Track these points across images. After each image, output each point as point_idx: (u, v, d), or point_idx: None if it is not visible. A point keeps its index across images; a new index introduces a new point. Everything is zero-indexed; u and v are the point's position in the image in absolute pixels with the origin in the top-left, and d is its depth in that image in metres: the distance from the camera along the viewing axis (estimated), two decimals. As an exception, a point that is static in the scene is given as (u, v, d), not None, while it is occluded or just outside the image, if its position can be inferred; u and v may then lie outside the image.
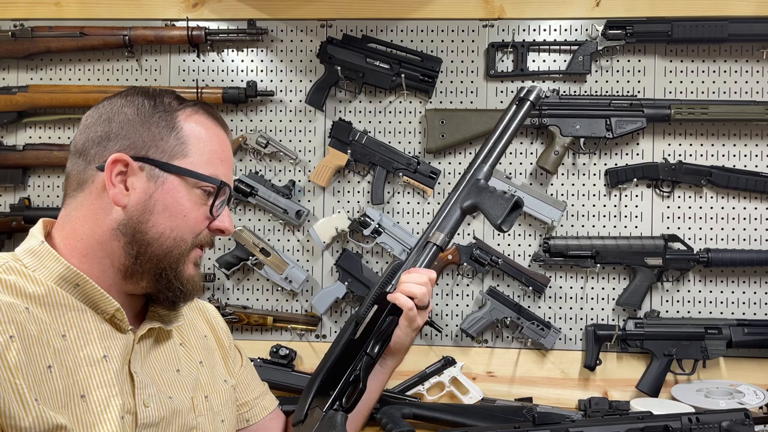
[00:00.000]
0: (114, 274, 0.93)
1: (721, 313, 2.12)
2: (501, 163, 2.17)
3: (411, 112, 2.20)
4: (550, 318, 2.16)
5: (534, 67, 2.16)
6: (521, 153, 2.18)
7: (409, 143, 2.20)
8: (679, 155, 2.14)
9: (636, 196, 2.15)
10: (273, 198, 2.16)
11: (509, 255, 2.16)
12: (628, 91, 2.14)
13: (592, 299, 2.15)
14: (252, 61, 2.23)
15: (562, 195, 2.16)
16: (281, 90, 2.23)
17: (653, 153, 2.14)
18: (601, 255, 2.09)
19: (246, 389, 1.17)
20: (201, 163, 0.95)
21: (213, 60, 2.24)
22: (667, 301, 2.13)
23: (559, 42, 2.14)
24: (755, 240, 2.12)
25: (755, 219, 2.12)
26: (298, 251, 2.22)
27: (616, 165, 2.14)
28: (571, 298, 2.16)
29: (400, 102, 2.20)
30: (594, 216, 2.16)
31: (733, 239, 2.12)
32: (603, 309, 2.15)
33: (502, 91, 2.17)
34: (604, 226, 2.15)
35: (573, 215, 2.16)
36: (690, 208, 2.13)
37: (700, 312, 2.12)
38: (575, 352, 2.15)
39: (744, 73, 2.13)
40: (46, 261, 0.90)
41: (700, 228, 2.13)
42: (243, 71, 2.23)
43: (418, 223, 2.19)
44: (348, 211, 2.20)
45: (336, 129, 2.16)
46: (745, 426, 1.40)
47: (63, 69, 2.26)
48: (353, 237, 2.17)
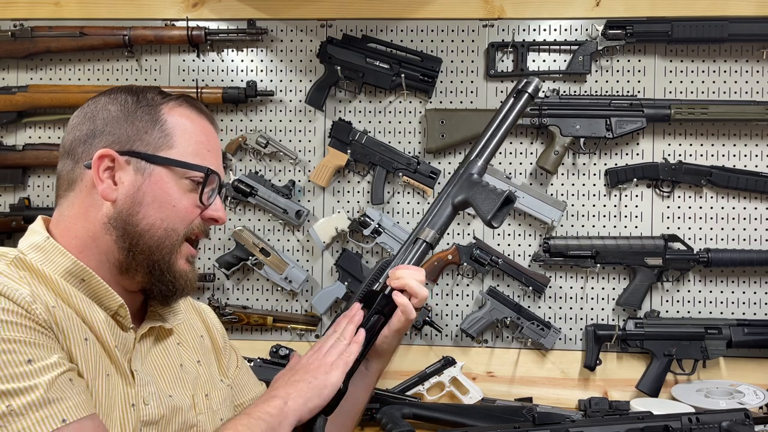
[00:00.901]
0: (110, 269, 0.94)
1: (721, 313, 2.12)
2: (501, 163, 2.17)
3: (411, 112, 2.20)
4: (550, 318, 2.16)
5: (534, 67, 2.16)
6: (521, 153, 2.17)
7: (409, 143, 2.20)
8: (679, 155, 2.13)
9: (636, 196, 2.15)
10: (273, 198, 2.16)
11: (509, 255, 2.16)
12: (628, 91, 2.14)
13: (592, 299, 2.15)
14: (252, 61, 2.23)
15: (562, 195, 2.16)
16: (281, 90, 2.23)
17: (653, 153, 2.14)
18: (601, 255, 2.09)
19: (242, 390, 1.17)
20: (187, 154, 0.95)
21: (213, 60, 2.23)
22: (667, 301, 2.13)
23: (559, 42, 2.14)
24: (755, 240, 2.12)
25: (755, 219, 2.12)
26: (298, 251, 2.22)
27: (616, 165, 2.14)
28: (571, 298, 2.16)
29: (400, 102, 2.20)
30: (594, 216, 2.16)
31: (733, 239, 2.12)
32: (603, 309, 2.15)
33: (502, 91, 2.17)
34: (604, 226, 2.15)
35: (573, 215, 2.15)
36: (690, 208, 2.13)
37: (700, 312, 2.12)
38: (575, 352, 2.15)
39: (744, 73, 2.13)
40: (52, 255, 0.91)
41: (700, 228, 2.13)
42: (243, 71, 2.23)
43: (417, 223, 2.19)
44: (348, 211, 2.20)
45: (336, 129, 2.16)
46: (745, 426, 1.40)
47: (63, 69, 2.26)
48: (353, 237, 2.17)
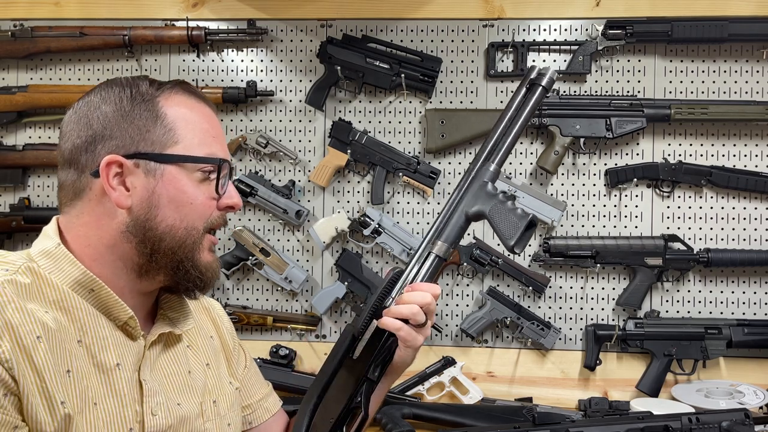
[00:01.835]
0: (127, 274, 0.92)
1: (721, 313, 2.12)
2: (501, 163, 2.17)
3: (411, 112, 2.20)
4: (550, 318, 2.16)
5: (534, 67, 2.16)
6: (521, 153, 2.17)
7: (409, 143, 2.20)
8: (679, 155, 2.13)
9: (636, 196, 2.15)
10: (273, 198, 2.16)
11: (509, 255, 2.16)
12: (628, 91, 2.14)
13: (592, 299, 2.15)
14: (252, 61, 2.23)
15: (562, 195, 2.16)
16: (281, 90, 2.23)
17: (653, 153, 2.14)
18: (601, 255, 2.09)
19: (249, 391, 1.15)
20: (194, 146, 0.92)
21: (213, 60, 2.23)
22: (667, 301, 2.13)
23: (559, 42, 2.14)
24: (755, 240, 2.12)
25: (755, 219, 2.12)
26: (298, 251, 2.22)
27: (616, 165, 2.14)
28: (571, 298, 2.16)
29: (400, 102, 2.20)
30: (594, 216, 2.16)
31: (733, 239, 2.12)
32: (603, 309, 2.15)
33: (502, 91, 2.17)
34: (604, 226, 2.15)
35: (573, 215, 2.15)
36: (690, 208, 2.13)
37: (700, 312, 2.12)
38: (575, 352, 2.15)
39: (744, 73, 2.13)
40: (62, 264, 0.88)
41: (700, 228, 2.13)
42: (243, 71, 2.23)
43: (418, 223, 2.19)
44: (348, 211, 2.20)
45: (336, 129, 2.16)
46: (745, 426, 1.40)
47: (63, 69, 2.26)
48: (353, 237, 2.17)
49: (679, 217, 2.14)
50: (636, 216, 2.14)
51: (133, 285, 0.93)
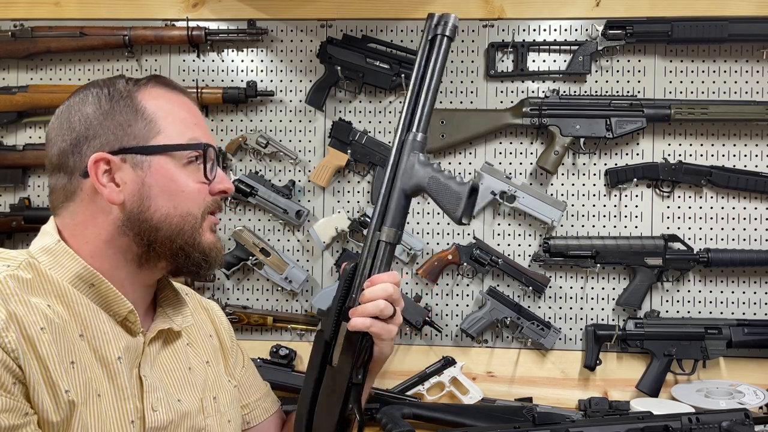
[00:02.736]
0: (127, 266, 0.93)
1: (721, 313, 2.12)
2: (501, 163, 2.17)
3: (411, 112, 2.19)
4: (550, 318, 2.16)
5: (534, 67, 2.16)
6: (521, 153, 2.18)
7: (409, 143, 2.20)
8: (679, 155, 2.13)
9: (636, 196, 2.15)
10: (273, 198, 2.16)
11: (509, 255, 2.16)
12: (628, 91, 2.14)
13: (592, 299, 2.15)
14: (252, 61, 2.23)
15: (562, 195, 2.16)
16: (281, 90, 2.23)
17: (653, 153, 2.14)
18: (601, 255, 2.09)
19: (247, 391, 1.16)
20: (176, 134, 0.93)
21: (213, 60, 2.23)
22: (667, 301, 2.13)
23: (559, 42, 2.14)
24: (755, 240, 2.12)
25: (755, 219, 2.12)
26: (298, 251, 2.22)
27: (616, 165, 2.14)
28: (571, 298, 2.16)
29: (400, 102, 2.20)
30: (594, 216, 2.16)
31: (733, 239, 2.12)
32: (603, 309, 2.15)
33: (502, 91, 2.17)
34: (604, 226, 2.15)
35: (573, 215, 2.15)
36: (690, 208, 2.13)
37: (700, 312, 2.12)
38: (575, 352, 2.15)
39: (744, 73, 2.13)
40: (62, 259, 0.89)
41: (700, 228, 2.13)
42: (243, 71, 2.23)
43: (417, 223, 2.19)
44: (348, 211, 2.20)
45: (336, 129, 2.16)
46: (745, 426, 1.40)
47: (63, 69, 2.26)
48: (353, 237, 2.17)
49: (679, 217, 2.13)
50: (636, 216, 2.14)
51: (134, 277, 0.94)
